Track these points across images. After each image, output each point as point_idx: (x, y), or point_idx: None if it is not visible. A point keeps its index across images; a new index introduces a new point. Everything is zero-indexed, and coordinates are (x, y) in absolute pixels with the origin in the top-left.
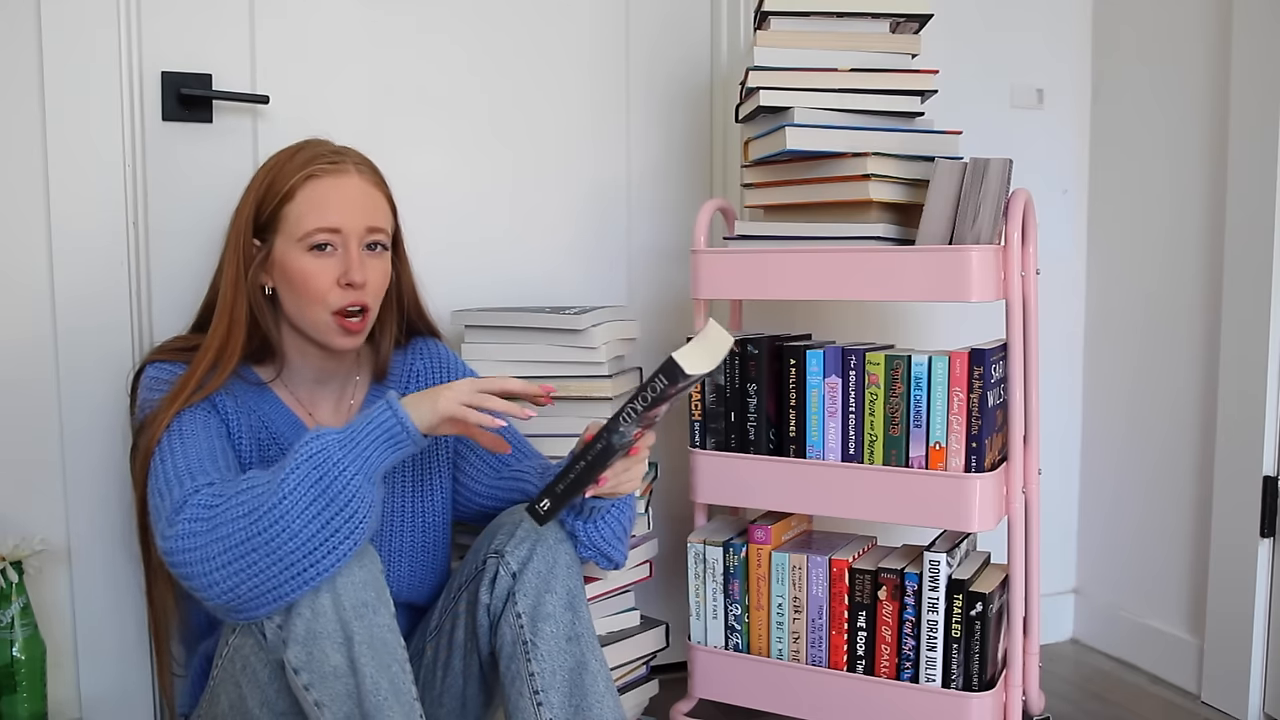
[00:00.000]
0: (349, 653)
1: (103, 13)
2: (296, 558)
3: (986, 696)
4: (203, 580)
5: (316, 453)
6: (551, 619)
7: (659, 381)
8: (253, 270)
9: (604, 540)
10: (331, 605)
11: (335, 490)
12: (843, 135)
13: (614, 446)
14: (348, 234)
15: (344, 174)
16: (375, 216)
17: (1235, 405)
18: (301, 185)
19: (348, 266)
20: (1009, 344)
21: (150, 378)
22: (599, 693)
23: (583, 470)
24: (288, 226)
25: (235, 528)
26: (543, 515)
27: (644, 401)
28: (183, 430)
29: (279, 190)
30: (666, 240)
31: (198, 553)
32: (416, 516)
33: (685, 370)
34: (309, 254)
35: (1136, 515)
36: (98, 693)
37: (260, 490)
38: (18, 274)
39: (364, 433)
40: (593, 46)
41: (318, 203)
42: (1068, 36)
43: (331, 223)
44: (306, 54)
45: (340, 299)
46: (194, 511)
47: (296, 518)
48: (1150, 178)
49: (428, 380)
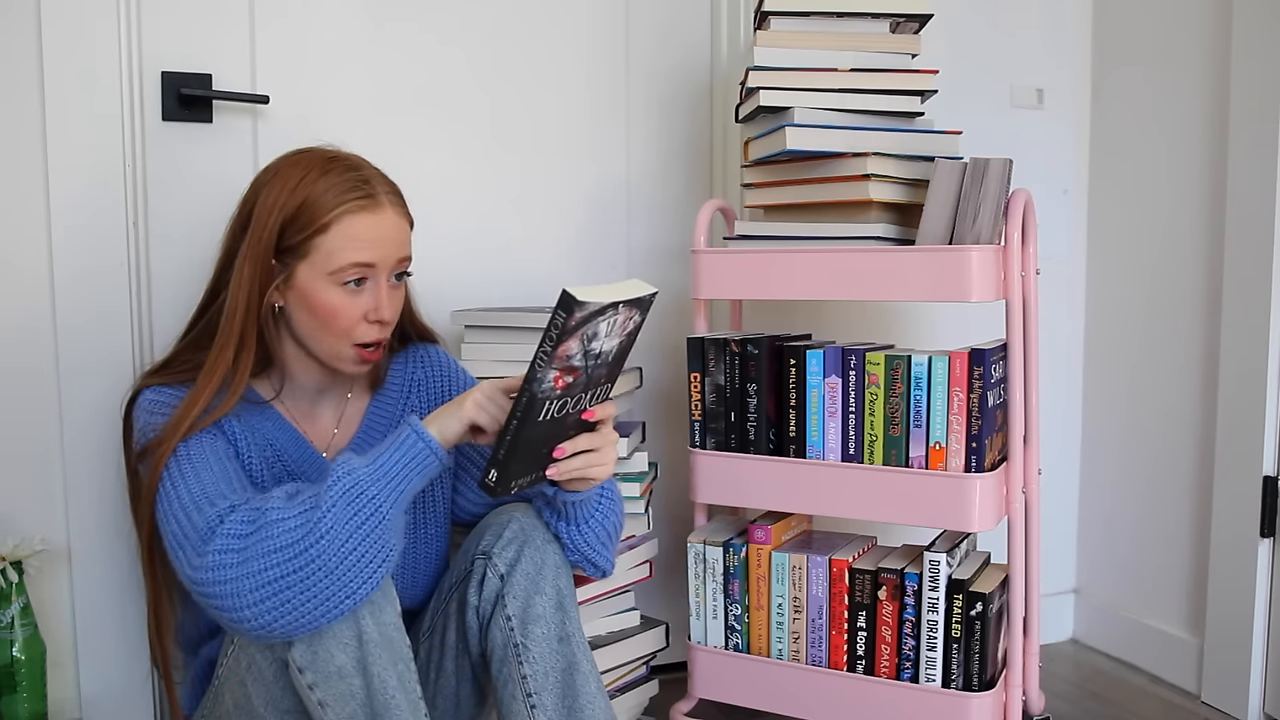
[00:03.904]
0: (358, 652)
1: (103, 12)
2: (332, 591)
3: (986, 696)
4: (234, 613)
5: (350, 488)
6: (542, 620)
7: (558, 316)
8: (270, 293)
9: (588, 545)
10: None
11: (371, 525)
12: (843, 135)
13: (537, 395)
14: (380, 270)
15: (380, 210)
16: (404, 248)
17: (1235, 405)
18: (338, 220)
19: (377, 304)
20: (1009, 344)
21: (149, 401)
22: (590, 694)
23: (518, 429)
24: (319, 258)
25: (269, 562)
26: (494, 486)
27: (550, 340)
28: (190, 455)
29: (313, 220)
30: (666, 240)
31: (229, 585)
32: (418, 527)
33: (579, 298)
34: (339, 289)
35: (1136, 515)
36: (98, 693)
37: (294, 524)
38: (18, 274)
39: (394, 462)
40: (592, 47)
41: (354, 239)
42: (1068, 36)
43: (368, 259)
44: (307, 54)
45: (365, 334)
46: (224, 542)
47: (334, 555)
48: (1150, 178)
49: (428, 388)
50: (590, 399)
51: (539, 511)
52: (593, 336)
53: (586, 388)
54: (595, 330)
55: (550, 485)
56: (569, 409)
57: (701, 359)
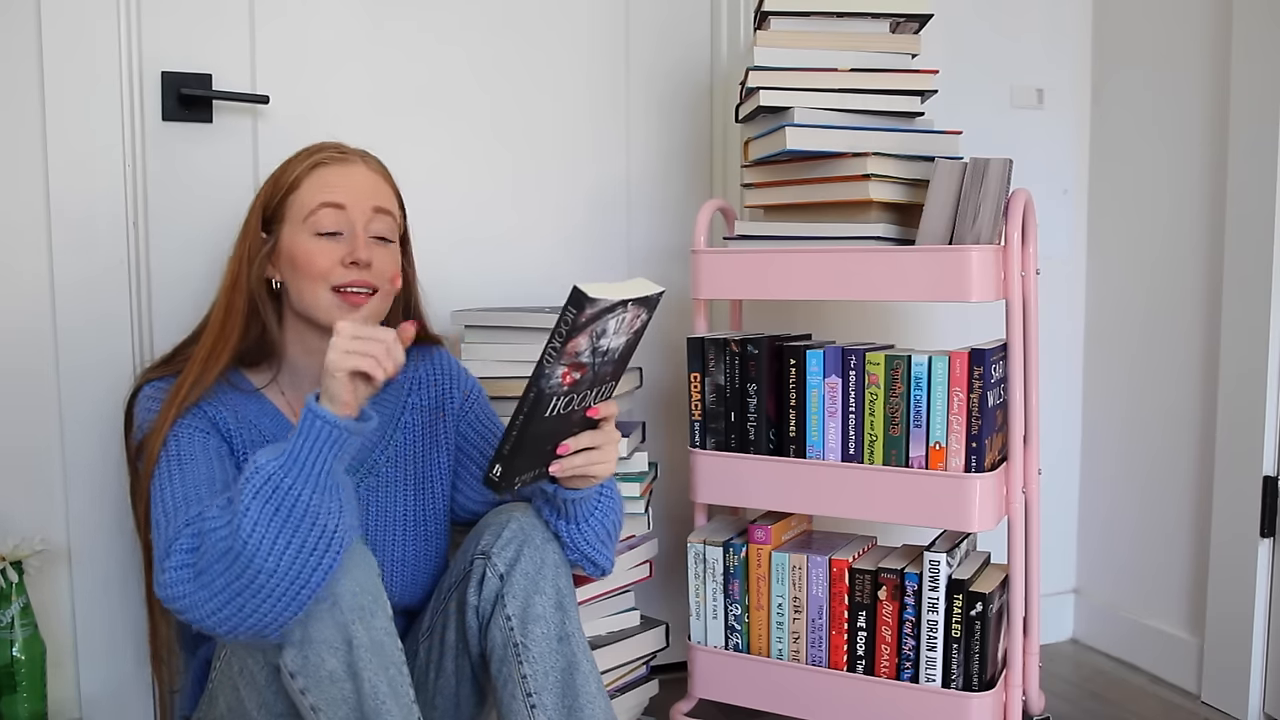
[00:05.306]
0: (348, 657)
1: (103, 12)
2: (283, 588)
3: (986, 696)
4: (201, 623)
5: (263, 485)
6: (541, 620)
7: (568, 312)
8: (258, 262)
9: (588, 543)
10: (329, 610)
11: (297, 515)
12: (843, 135)
13: (544, 392)
14: (353, 213)
15: (350, 164)
16: (381, 199)
17: (1235, 405)
18: (308, 174)
19: (353, 246)
20: (1009, 344)
21: (146, 397)
22: (591, 694)
23: (523, 425)
24: (293, 212)
25: (214, 573)
26: (498, 482)
27: (560, 336)
28: (180, 454)
29: (285, 182)
30: (666, 240)
31: (188, 599)
32: (416, 524)
33: (590, 295)
34: (315, 237)
35: (1136, 515)
36: (98, 693)
37: (224, 532)
38: (18, 274)
39: (300, 447)
40: (592, 46)
41: (323, 185)
42: (1068, 37)
43: (336, 200)
44: (306, 54)
45: (343, 276)
46: (179, 559)
47: (269, 553)
48: (1150, 178)
49: (429, 387)
50: (595, 396)
51: (538, 510)
52: (601, 333)
53: (592, 385)
54: (604, 327)
55: (550, 483)
56: (574, 405)
57: (701, 359)
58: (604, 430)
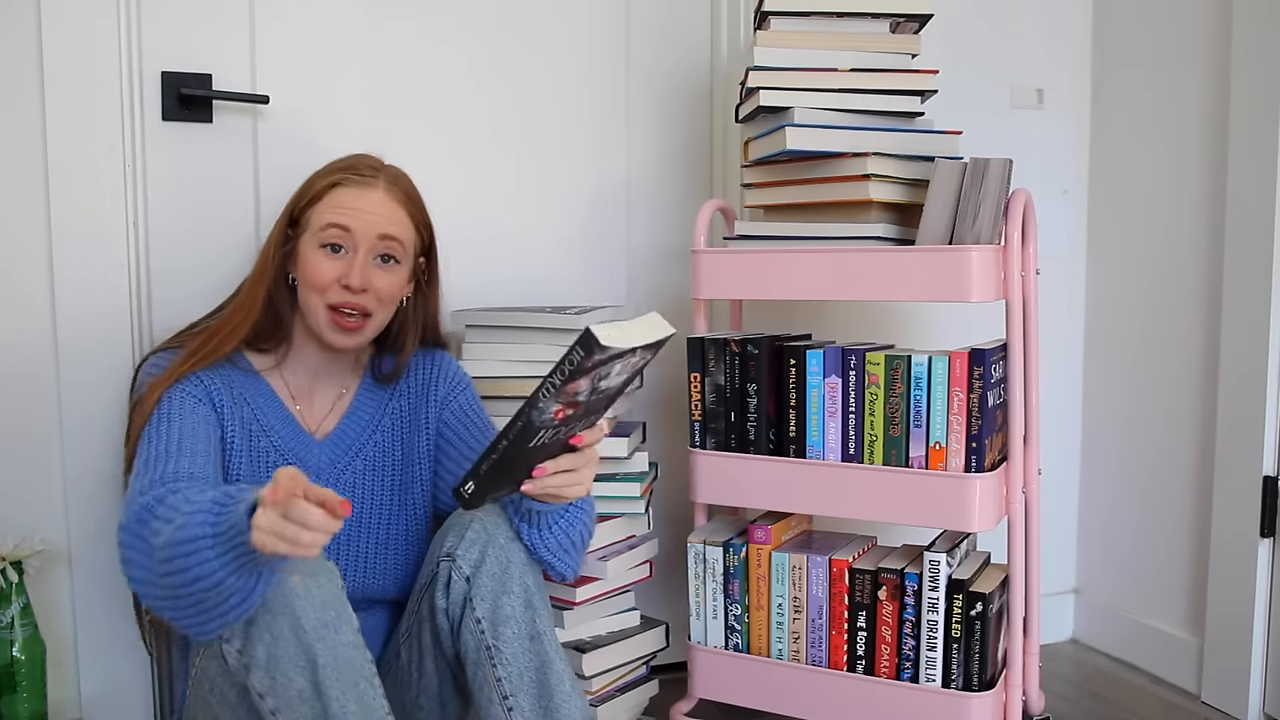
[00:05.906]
0: (313, 676)
1: (103, 12)
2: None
3: (986, 696)
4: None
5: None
6: (512, 621)
7: (575, 353)
8: (281, 255)
9: (548, 549)
10: (290, 629)
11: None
12: (843, 135)
13: (534, 423)
14: (357, 237)
15: (370, 187)
16: (390, 227)
17: (1235, 405)
18: (327, 191)
19: (348, 270)
20: (1009, 344)
21: (151, 364)
22: (565, 692)
23: (506, 450)
24: (311, 223)
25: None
26: (467, 499)
27: (562, 375)
28: (171, 413)
29: (310, 193)
30: (666, 240)
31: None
32: (399, 510)
33: (600, 341)
34: (321, 251)
35: (1136, 515)
36: (98, 693)
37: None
38: (18, 274)
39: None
40: (592, 46)
41: (338, 206)
42: (1068, 37)
43: (344, 222)
44: (306, 54)
45: (336, 296)
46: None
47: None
48: (1150, 178)
49: (419, 392)
50: (582, 426)
51: (503, 507)
52: (604, 376)
53: (583, 417)
54: (609, 370)
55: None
56: (560, 435)
57: (701, 359)
58: (583, 453)
